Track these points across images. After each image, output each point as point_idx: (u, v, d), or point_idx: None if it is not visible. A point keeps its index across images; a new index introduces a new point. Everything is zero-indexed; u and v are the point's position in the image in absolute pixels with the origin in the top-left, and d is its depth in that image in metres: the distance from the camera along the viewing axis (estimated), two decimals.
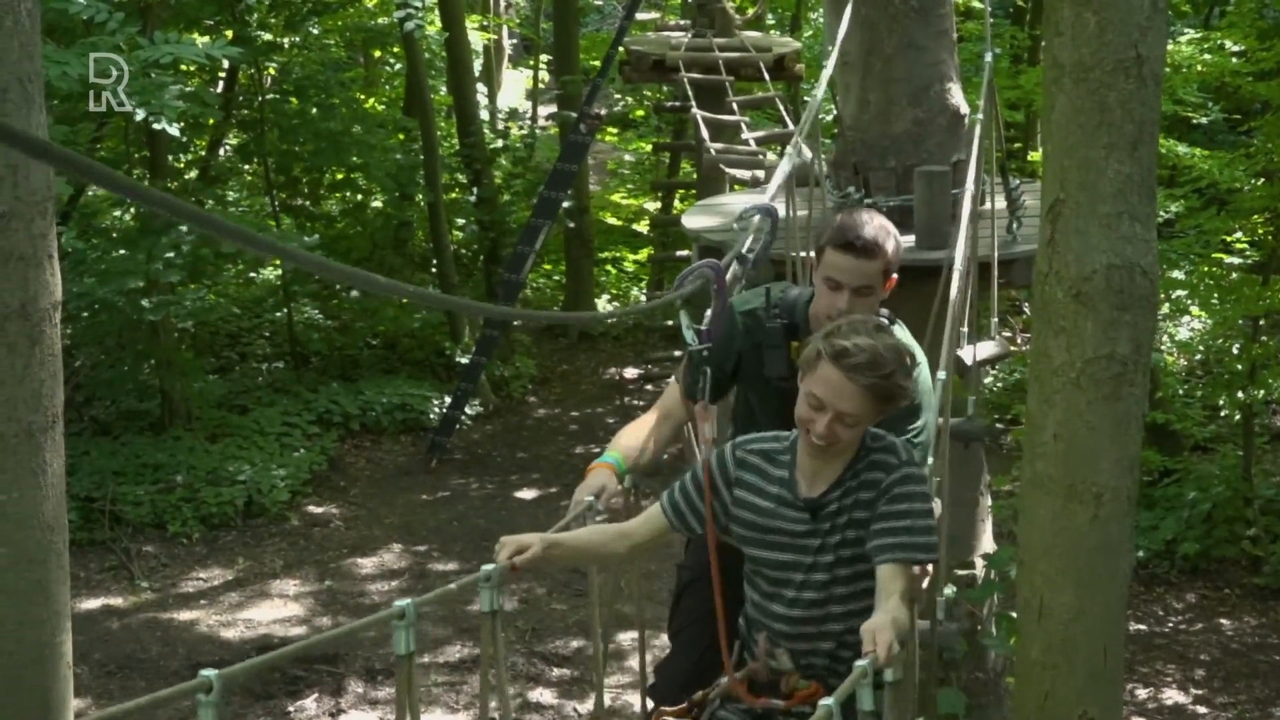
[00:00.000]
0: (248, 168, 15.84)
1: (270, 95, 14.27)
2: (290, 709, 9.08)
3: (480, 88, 17.92)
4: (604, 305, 17.34)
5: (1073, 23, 4.18)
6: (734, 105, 12.39)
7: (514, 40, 26.50)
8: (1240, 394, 11.77)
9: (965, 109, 8.01)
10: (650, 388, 14.89)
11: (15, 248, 5.12)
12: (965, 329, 6.19)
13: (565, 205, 14.82)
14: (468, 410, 13.63)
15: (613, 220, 19.70)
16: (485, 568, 3.50)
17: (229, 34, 12.24)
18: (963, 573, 6.97)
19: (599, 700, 4.40)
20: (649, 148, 20.61)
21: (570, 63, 16.65)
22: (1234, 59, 12.57)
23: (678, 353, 14.04)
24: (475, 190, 15.67)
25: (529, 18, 25.10)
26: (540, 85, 22.45)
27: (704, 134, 11.78)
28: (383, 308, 14.56)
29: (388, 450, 13.31)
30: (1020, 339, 14.62)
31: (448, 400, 13.51)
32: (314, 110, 14.21)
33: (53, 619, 5.36)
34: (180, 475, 11.75)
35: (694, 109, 12.40)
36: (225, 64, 12.99)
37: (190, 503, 11.61)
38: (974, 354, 6.43)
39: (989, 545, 7.94)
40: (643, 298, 17.31)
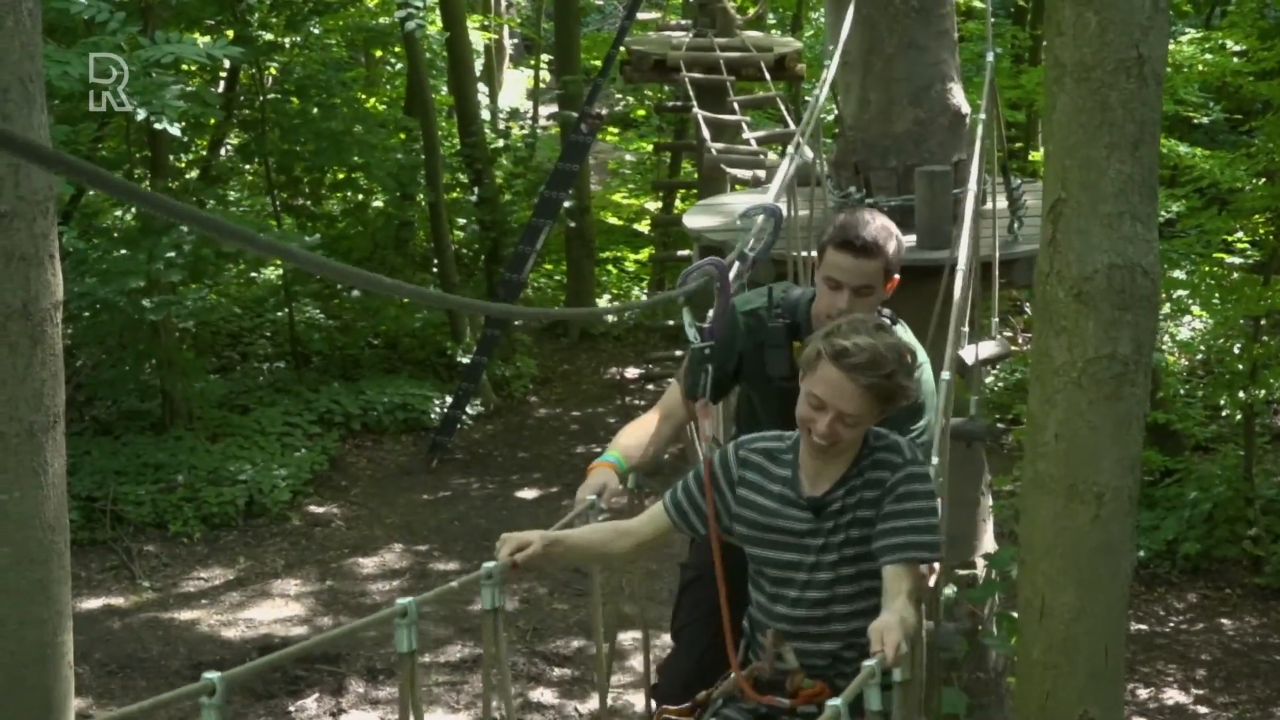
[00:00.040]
0: (249, 167, 15.84)
1: (271, 95, 14.27)
2: (291, 708, 9.08)
3: (481, 87, 17.94)
4: (605, 305, 17.34)
5: (1074, 22, 4.18)
6: (735, 105, 12.40)
7: (515, 40, 26.50)
8: (1241, 394, 11.77)
9: (966, 109, 8.01)
10: (651, 388, 14.88)
11: (17, 247, 5.12)
12: (966, 329, 6.19)
13: (566, 205, 14.82)
14: (469, 410, 13.63)
15: (614, 220, 19.69)
16: (486, 565, 3.49)
17: (230, 34, 12.25)
18: (964, 572, 6.96)
19: (603, 701, 4.39)
20: (650, 147, 20.61)
21: (571, 62, 16.64)
22: (1235, 59, 12.57)
23: (678, 352, 14.04)
24: (476, 190, 15.67)
25: (530, 17, 25.10)
26: (541, 85, 22.46)
27: (705, 134, 11.78)
28: (384, 307, 14.56)
29: (389, 450, 13.31)
30: (1021, 339, 14.62)
31: (449, 400, 13.51)
32: (315, 110, 14.21)
33: (54, 618, 5.36)
34: (181, 475, 11.75)
35: (695, 109, 12.40)
36: (226, 64, 13.00)
37: (191, 502, 11.62)
38: (976, 353, 6.43)
39: (990, 545, 7.94)
40: (644, 297, 17.30)
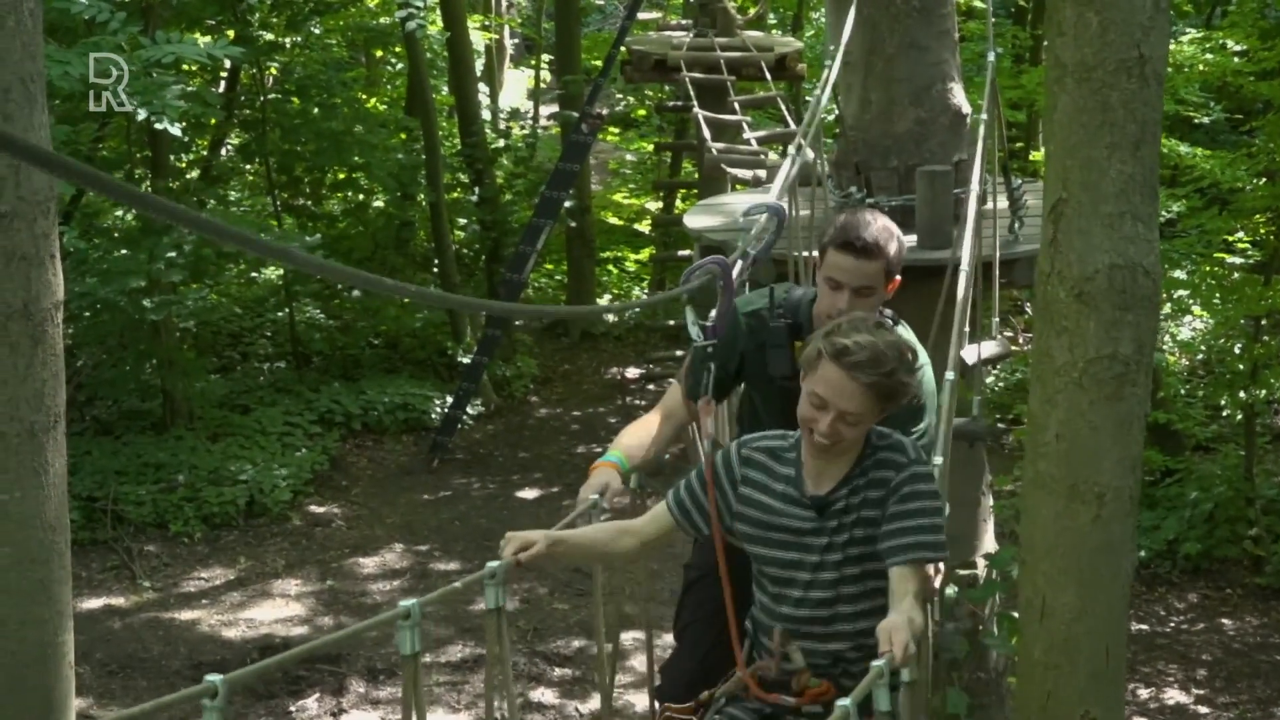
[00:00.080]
0: (249, 167, 15.84)
1: (272, 95, 14.27)
2: (292, 708, 9.08)
3: (482, 87, 17.94)
4: (606, 304, 17.34)
5: (1075, 23, 4.18)
6: (736, 105, 12.39)
7: (515, 40, 26.50)
8: (1242, 394, 11.77)
9: (967, 109, 8.01)
10: (652, 387, 14.88)
11: (18, 247, 5.12)
12: (967, 329, 6.19)
13: (567, 205, 14.82)
14: (469, 410, 13.63)
15: (614, 220, 19.69)
16: (490, 565, 3.49)
17: (231, 34, 12.25)
18: (964, 572, 6.97)
19: (605, 702, 4.39)
20: (650, 147, 20.61)
21: (572, 62, 16.64)
22: (1236, 59, 12.57)
23: (679, 352, 14.06)
24: (477, 190, 15.67)
25: (530, 17, 25.10)
26: (542, 85, 22.45)
27: (705, 134, 11.77)
28: (384, 307, 14.56)
29: (389, 450, 13.31)
30: (1022, 339, 14.62)
31: (449, 400, 13.51)
32: (316, 110, 14.21)
33: (55, 618, 5.36)
34: (182, 475, 11.75)
35: (695, 109, 12.40)
36: (227, 64, 12.99)
37: (192, 502, 11.62)
38: (979, 353, 6.44)
39: (991, 545, 7.94)
40: (644, 297, 17.29)
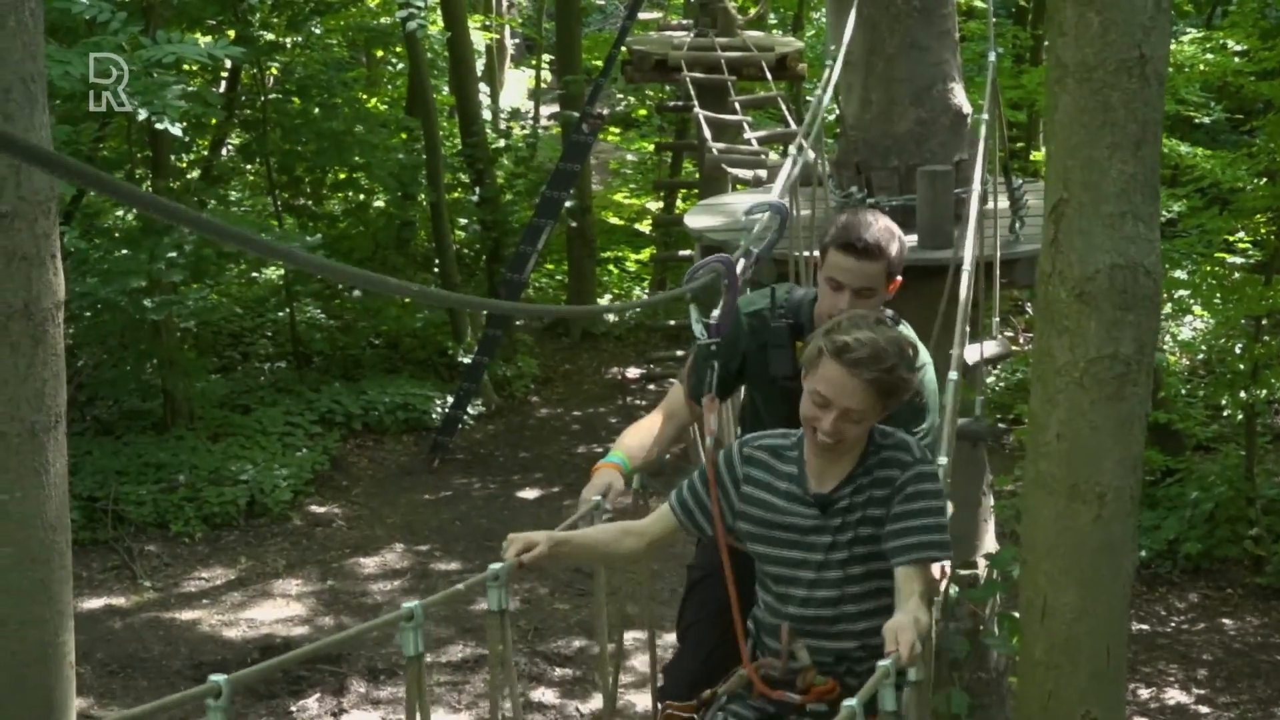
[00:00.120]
0: (250, 167, 15.84)
1: (273, 95, 14.27)
2: (293, 708, 9.08)
3: (482, 87, 17.93)
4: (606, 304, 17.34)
5: (1076, 23, 4.18)
6: (736, 105, 12.40)
7: (516, 40, 26.50)
8: (1242, 394, 11.77)
9: (968, 109, 8.01)
10: (653, 387, 14.88)
11: (18, 247, 5.12)
12: (968, 328, 6.19)
13: (568, 205, 14.82)
14: (470, 410, 13.63)
15: (615, 220, 19.69)
16: (493, 566, 3.48)
17: (231, 34, 12.26)
18: (965, 572, 6.97)
19: (607, 702, 4.38)
20: (651, 147, 20.61)
21: (572, 62, 16.64)
22: (1236, 59, 12.57)
23: (680, 352, 14.06)
24: (477, 190, 15.67)
25: (531, 17, 25.10)
26: (542, 85, 22.45)
27: (706, 133, 11.78)
28: (385, 307, 14.56)
29: (390, 450, 13.31)
30: (1022, 339, 14.62)
31: (450, 400, 13.51)
32: (316, 110, 14.21)
33: (55, 618, 5.36)
34: (183, 475, 11.75)
35: (696, 108, 12.40)
36: (228, 64, 12.99)
37: (192, 502, 11.62)
38: (980, 353, 6.44)
39: (991, 545, 7.94)
40: (645, 297, 17.29)
